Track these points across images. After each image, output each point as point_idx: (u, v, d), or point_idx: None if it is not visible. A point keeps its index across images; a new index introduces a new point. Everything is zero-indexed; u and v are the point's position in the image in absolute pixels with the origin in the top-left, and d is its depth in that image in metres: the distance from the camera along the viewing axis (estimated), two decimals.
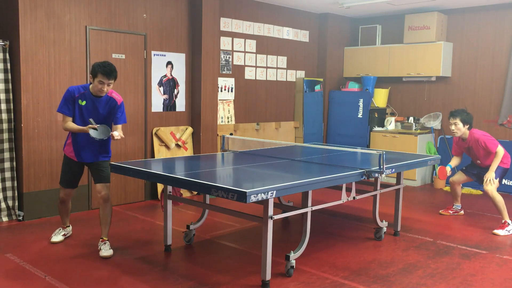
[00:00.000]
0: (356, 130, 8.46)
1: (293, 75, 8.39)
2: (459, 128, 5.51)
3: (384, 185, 5.02)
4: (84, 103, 4.32)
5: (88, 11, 5.74)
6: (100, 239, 4.43)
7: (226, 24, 7.26)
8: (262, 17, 7.77)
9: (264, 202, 3.56)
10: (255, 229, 5.23)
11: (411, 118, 8.31)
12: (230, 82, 7.37)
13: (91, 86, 4.32)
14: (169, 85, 6.65)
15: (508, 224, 5.30)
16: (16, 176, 5.43)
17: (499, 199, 5.38)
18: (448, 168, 5.73)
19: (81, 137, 4.37)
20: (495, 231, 5.26)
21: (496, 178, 5.42)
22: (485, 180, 5.38)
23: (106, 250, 4.30)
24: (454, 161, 5.91)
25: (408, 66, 8.19)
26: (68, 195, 4.63)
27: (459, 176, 5.96)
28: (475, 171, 5.81)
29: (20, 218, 5.40)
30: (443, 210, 6.14)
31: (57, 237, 4.68)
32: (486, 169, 5.51)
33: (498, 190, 5.55)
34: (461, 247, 4.75)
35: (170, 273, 3.98)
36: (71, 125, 4.33)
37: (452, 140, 5.95)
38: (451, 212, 6.07)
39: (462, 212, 6.11)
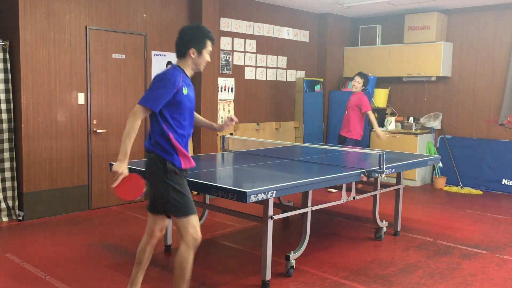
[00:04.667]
0: None
1: (293, 75, 8.39)
2: (360, 86, 6.73)
3: (384, 185, 5.02)
4: (186, 91, 3.06)
5: (88, 11, 5.74)
6: None
7: (226, 24, 7.26)
8: (262, 17, 7.77)
9: (264, 202, 3.56)
10: (255, 229, 5.23)
11: (411, 118, 8.31)
12: (230, 82, 7.37)
13: (185, 63, 3.11)
14: None
15: None
16: (16, 176, 5.43)
17: None
18: None
19: (186, 129, 3.14)
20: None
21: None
22: (381, 134, 6.68)
23: None
24: None
25: (408, 66, 8.19)
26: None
27: None
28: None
29: (20, 218, 5.40)
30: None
31: None
32: (345, 139, 6.76)
33: (501, 190, 5.60)
34: (461, 247, 4.75)
35: (170, 273, 3.98)
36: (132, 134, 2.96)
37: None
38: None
39: None
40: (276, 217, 3.65)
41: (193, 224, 3.04)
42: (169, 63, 6.60)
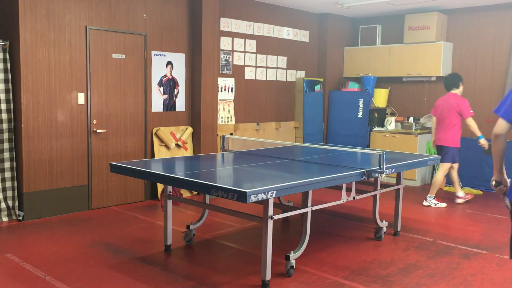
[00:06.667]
0: (356, 130, 8.46)
1: (293, 75, 8.39)
2: None
3: (384, 185, 5.02)
4: None
5: (88, 11, 5.74)
6: None
7: (226, 24, 7.26)
8: (262, 17, 7.77)
9: (264, 202, 3.56)
10: (255, 229, 5.23)
11: (411, 118, 8.31)
12: (230, 82, 7.37)
13: None
14: (169, 85, 6.65)
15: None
16: (16, 176, 5.43)
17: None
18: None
19: None
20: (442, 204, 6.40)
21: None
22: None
23: None
24: None
25: (408, 66, 8.19)
26: None
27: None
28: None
29: (20, 218, 5.40)
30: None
31: None
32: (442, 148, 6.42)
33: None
34: (461, 247, 4.75)
35: (170, 273, 3.98)
36: None
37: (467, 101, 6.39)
38: (468, 196, 6.70)
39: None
40: (276, 217, 3.65)
41: None
42: (169, 63, 6.60)
